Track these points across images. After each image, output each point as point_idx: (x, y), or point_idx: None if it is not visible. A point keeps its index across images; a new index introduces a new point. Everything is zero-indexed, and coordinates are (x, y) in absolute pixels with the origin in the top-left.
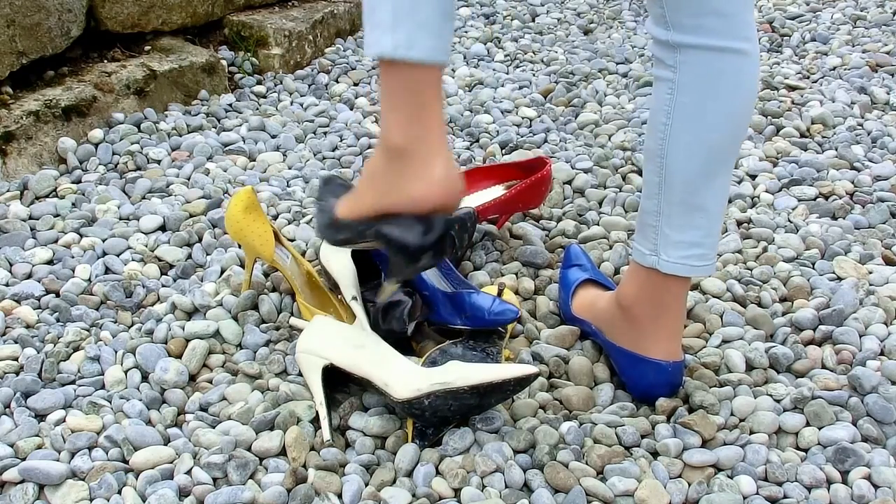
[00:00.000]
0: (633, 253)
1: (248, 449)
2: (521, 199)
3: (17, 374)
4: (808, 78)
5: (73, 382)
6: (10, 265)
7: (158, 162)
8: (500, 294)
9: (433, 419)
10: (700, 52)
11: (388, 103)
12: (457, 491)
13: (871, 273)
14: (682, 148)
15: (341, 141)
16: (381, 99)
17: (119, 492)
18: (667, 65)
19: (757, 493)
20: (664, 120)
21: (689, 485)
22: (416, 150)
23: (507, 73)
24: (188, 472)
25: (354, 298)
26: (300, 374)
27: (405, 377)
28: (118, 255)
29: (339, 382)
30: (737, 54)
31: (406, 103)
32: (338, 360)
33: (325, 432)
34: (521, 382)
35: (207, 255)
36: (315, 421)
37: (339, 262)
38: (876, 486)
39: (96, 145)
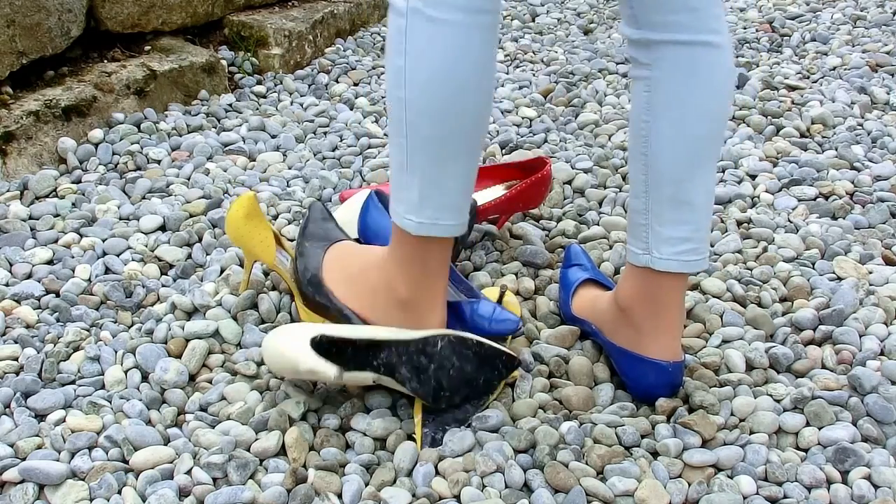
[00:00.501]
0: (627, 254)
1: (248, 449)
2: (521, 199)
3: (17, 374)
4: (808, 78)
5: (73, 382)
6: (10, 265)
7: (158, 162)
8: (501, 298)
9: (434, 375)
10: (672, 48)
11: (399, 263)
12: (457, 493)
13: (871, 273)
14: (663, 144)
15: (341, 141)
16: (391, 254)
17: (119, 492)
18: (642, 63)
19: (757, 493)
20: (644, 118)
21: (689, 485)
22: (416, 306)
23: (507, 73)
24: (188, 472)
25: None
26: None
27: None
28: (118, 255)
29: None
30: (708, 47)
31: (415, 267)
32: (330, 331)
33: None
34: (508, 364)
35: (207, 254)
36: (306, 418)
37: None
38: (876, 486)
39: (96, 145)
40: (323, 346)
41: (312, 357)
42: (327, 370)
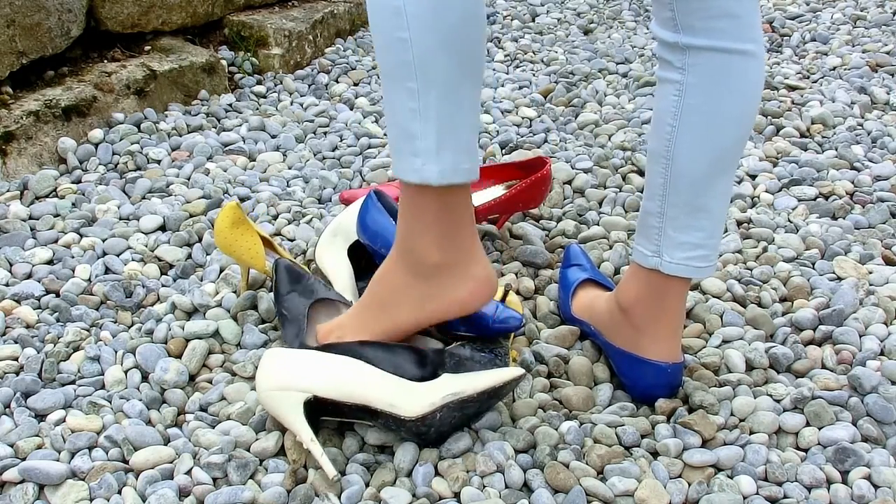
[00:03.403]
0: (633, 254)
1: (248, 449)
2: (522, 199)
3: (17, 374)
4: (808, 78)
5: (73, 382)
6: (10, 265)
7: (158, 162)
8: (505, 296)
9: (434, 435)
10: (709, 54)
11: (421, 224)
12: (457, 491)
13: (871, 273)
14: (688, 149)
15: (341, 141)
16: (408, 219)
17: (119, 492)
18: (674, 67)
19: (757, 493)
20: (671, 121)
21: (689, 485)
22: (454, 262)
23: (507, 73)
24: (188, 472)
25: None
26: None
27: (413, 394)
28: (118, 255)
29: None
30: (745, 55)
31: (441, 222)
32: (324, 391)
33: (330, 470)
34: (513, 384)
35: (207, 254)
36: None
37: (335, 261)
38: (876, 486)
39: (96, 145)
40: (314, 406)
41: (300, 419)
42: (304, 434)
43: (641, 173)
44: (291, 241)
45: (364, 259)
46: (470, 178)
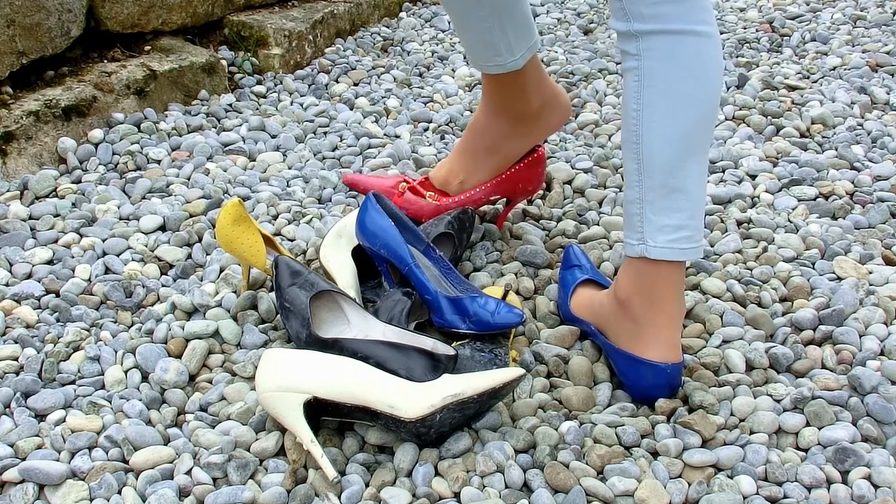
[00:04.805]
0: (623, 248)
1: (248, 449)
2: (520, 181)
3: (17, 374)
4: (808, 78)
5: (73, 382)
6: (10, 265)
7: (158, 162)
8: (505, 296)
9: (433, 436)
10: (661, 37)
11: (516, 89)
12: (457, 491)
13: (871, 273)
14: (655, 132)
15: (341, 141)
16: (501, 88)
17: (119, 492)
18: (631, 55)
19: (757, 493)
20: (635, 107)
21: (689, 485)
22: (547, 101)
23: None
24: (188, 472)
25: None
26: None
27: (413, 395)
28: (118, 255)
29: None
30: (696, 36)
31: (529, 82)
32: (324, 392)
33: (330, 472)
34: (513, 384)
35: (207, 254)
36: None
37: (339, 262)
38: (876, 486)
39: (96, 145)
40: (314, 406)
41: (299, 420)
42: (303, 435)
43: None
44: (291, 240)
45: (364, 264)
46: (537, 49)
